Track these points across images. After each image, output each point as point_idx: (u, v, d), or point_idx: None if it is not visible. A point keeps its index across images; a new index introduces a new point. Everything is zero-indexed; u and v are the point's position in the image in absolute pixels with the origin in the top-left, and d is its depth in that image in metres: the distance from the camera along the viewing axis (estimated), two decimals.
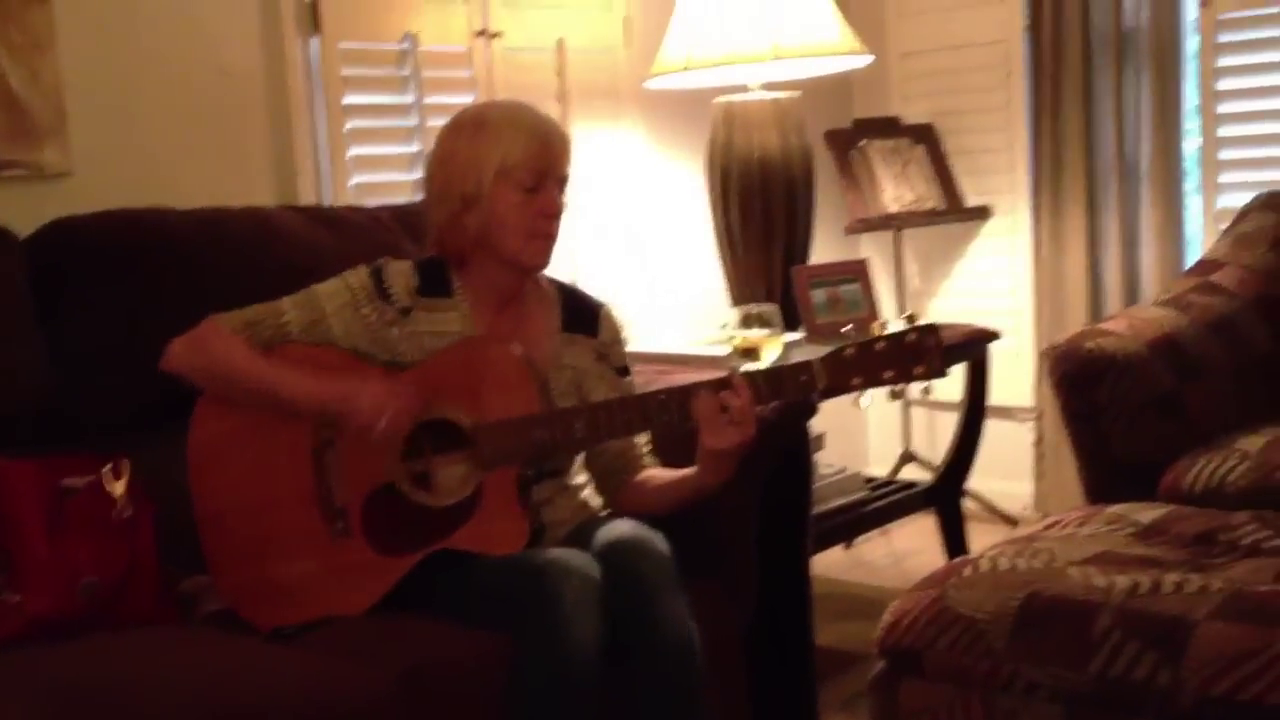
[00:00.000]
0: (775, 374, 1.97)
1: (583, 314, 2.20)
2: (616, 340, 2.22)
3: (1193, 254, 3.58)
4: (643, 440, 2.20)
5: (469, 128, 2.07)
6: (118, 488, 1.98)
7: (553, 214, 2.06)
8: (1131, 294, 3.70)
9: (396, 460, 1.97)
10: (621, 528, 2.02)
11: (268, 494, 2.01)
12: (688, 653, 1.89)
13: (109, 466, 1.98)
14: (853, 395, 1.99)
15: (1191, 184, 3.70)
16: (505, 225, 2.04)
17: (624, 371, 2.22)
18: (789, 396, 2.00)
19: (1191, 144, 3.68)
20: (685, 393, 1.96)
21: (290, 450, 2.01)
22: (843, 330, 2.00)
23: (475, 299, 2.11)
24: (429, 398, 1.98)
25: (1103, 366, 2.56)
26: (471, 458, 1.98)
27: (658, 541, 1.98)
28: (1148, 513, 2.25)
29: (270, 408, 2.00)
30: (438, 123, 3.02)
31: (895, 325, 1.99)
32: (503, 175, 2.02)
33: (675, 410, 1.96)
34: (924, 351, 1.93)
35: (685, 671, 1.89)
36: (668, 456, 2.18)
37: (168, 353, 2.02)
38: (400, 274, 2.08)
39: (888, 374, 1.94)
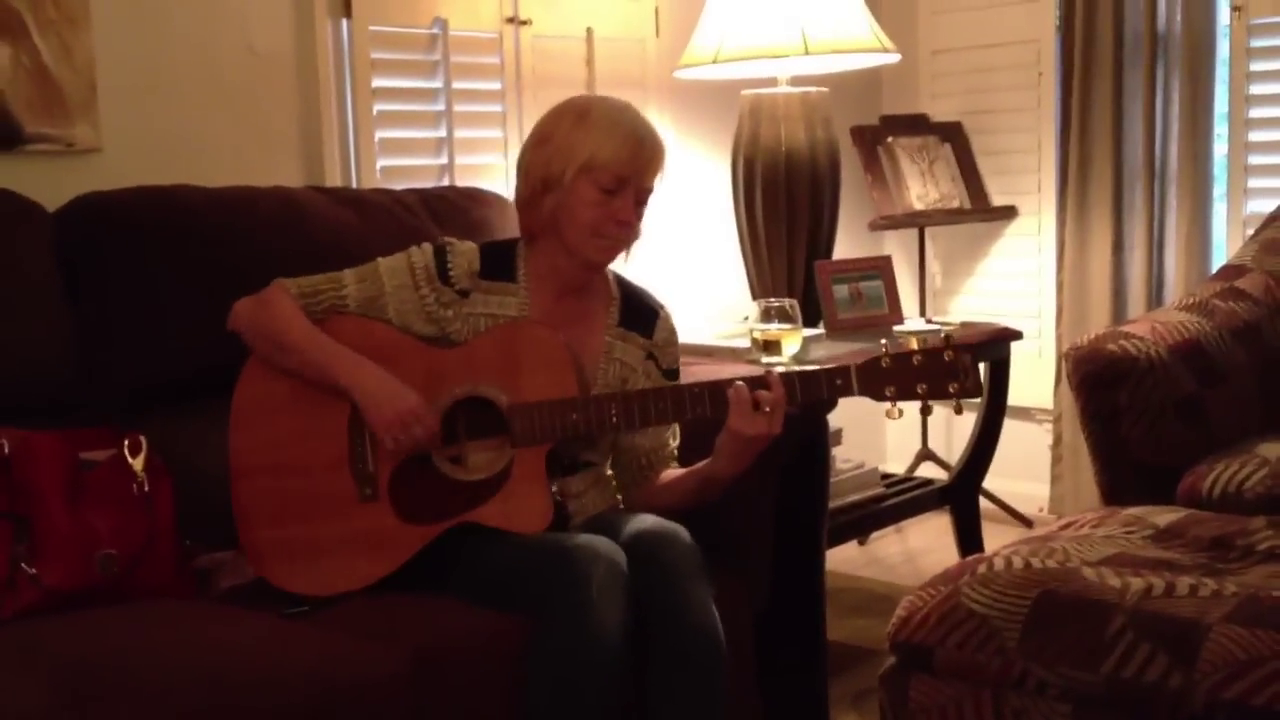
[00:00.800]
0: (811, 377, 2.01)
1: (640, 314, 2.23)
2: (670, 344, 2.25)
3: (1219, 259, 3.56)
4: (674, 442, 2.22)
5: (571, 115, 2.09)
6: (137, 462, 2.00)
7: (623, 221, 2.08)
8: (1156, 298, 3.68)
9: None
10: (647, 519, 2.04)
11: (303, 455, 2.05)
12: (713, 642, 1.90)
13: (128, 441, 2.00)
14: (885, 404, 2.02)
15: (1219, 189, 3.68)
16: (575, 218, 2.07)
17: (672, 374, 2.24)
18: (822, 399, 2.03)
19: (1220, 149, 3.66)
20: (720, 385, 1.98)
21: (330, 414, 2.05)
22: (881, 342, 2.03)
23: (537, 284, 2.14)
24: (466, 386, 2.02)
25: (1124, 369, 2.55)
26: (505, 437, 2.00)
27: (683, 533, 2.00)
28: (1164, 516, 2.25)
29: (311, 382, 2.04)
30: (465, 108, 3.10)
31: (915, 324, 2.01)
32: (586, 170, 2.05)
33: (709, 402, 1.99)
34: (960, 371, 1.98)
35: (709, 661, 1.90)
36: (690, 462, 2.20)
37: (234, 311, 2.09)
38: (464, 256, 2.12)
39: (921, 387, 1.98)
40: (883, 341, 2.03)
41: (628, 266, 2.24)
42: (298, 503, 2.04)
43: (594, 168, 2.05)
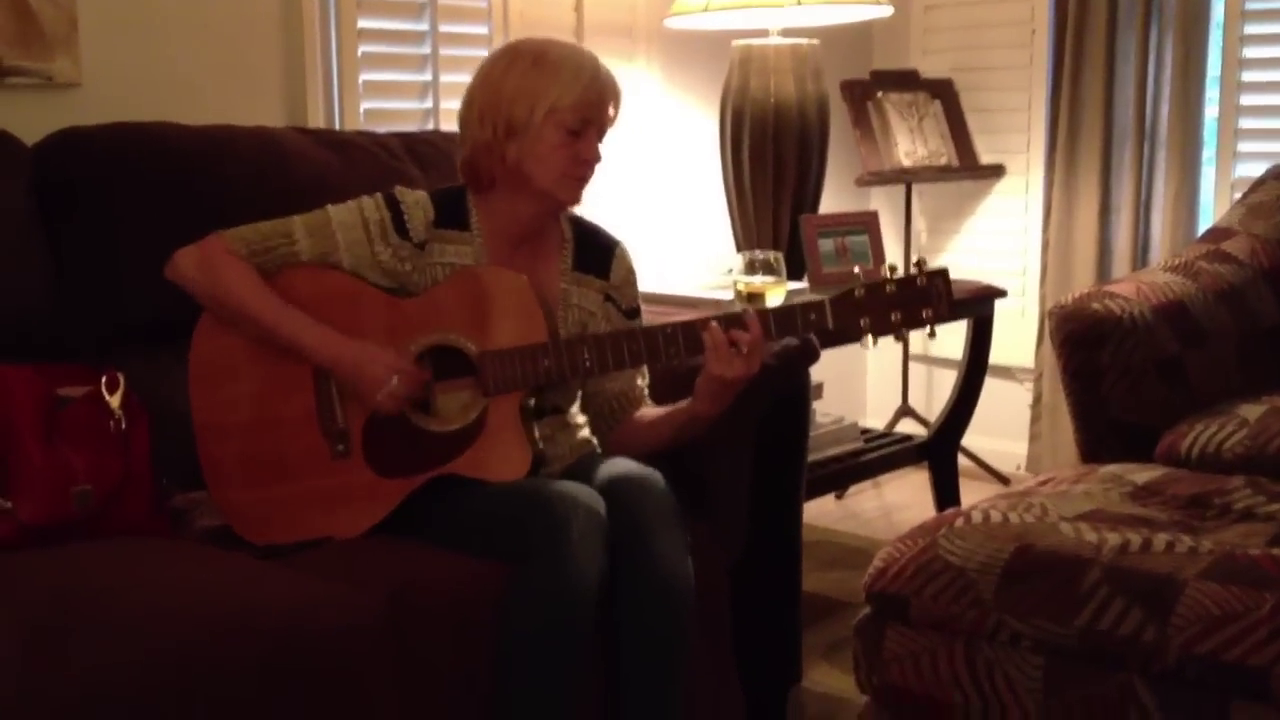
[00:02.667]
0: (786, 311, 1.99)
1: (595, 254, 2.19)
2: (628, 282, 2.22)
3: (1205, 223, 3.56)
4: (642, 382, 2.20)
5: (527, 59, 2.05)
6: (114, 400, 1.98)
7: (590, 160, 2.07)
8: (1142, 260, 3.68)
9: None
10: (623, 465, 2.02)
11: (268, 412, 2.01)
12: (681, 592, 1.90)
13: (105, 378, 1.98)
14: (861, 339, 2.00)
15: (1208, 152, 3.67)
16: (543, 162, 2.04)
17: (633, 314, 2.21)
18: (797, 333, 2.02)
19: (1211, 111, 3.64)
20: (693, 326, 1.96)
21: (292, 370, 2.01)
22: (854, 271, 2.00)
23: (491, 232, 2.10)
24: (433, 335, 1.99)
25: (1107, 328, 2.55)
26: (476, 385, 1.98)
27: (658, 479, 1.99)
28: (1143, 474, 2.25)
29: (271, 344, 2.00)
30: (451, 52, 3.07)
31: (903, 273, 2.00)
32: (552, 114, 2.02)
33: (683, 343, 1.97)
34: (933, 295, 1.96)
35: (674, 611, 1.90)
36: (664, 401, 2.18)
37: (173, 262, 2.02)
38: (418, 205, 2.07)
39: (895, 316, 1.96)
40: (856, 270, 2.01)
41: (626, 215, 2.22)
42: (269, 461, 2.00)
43: (560, 110, 2.02)
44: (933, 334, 1.99)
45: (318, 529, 1.98)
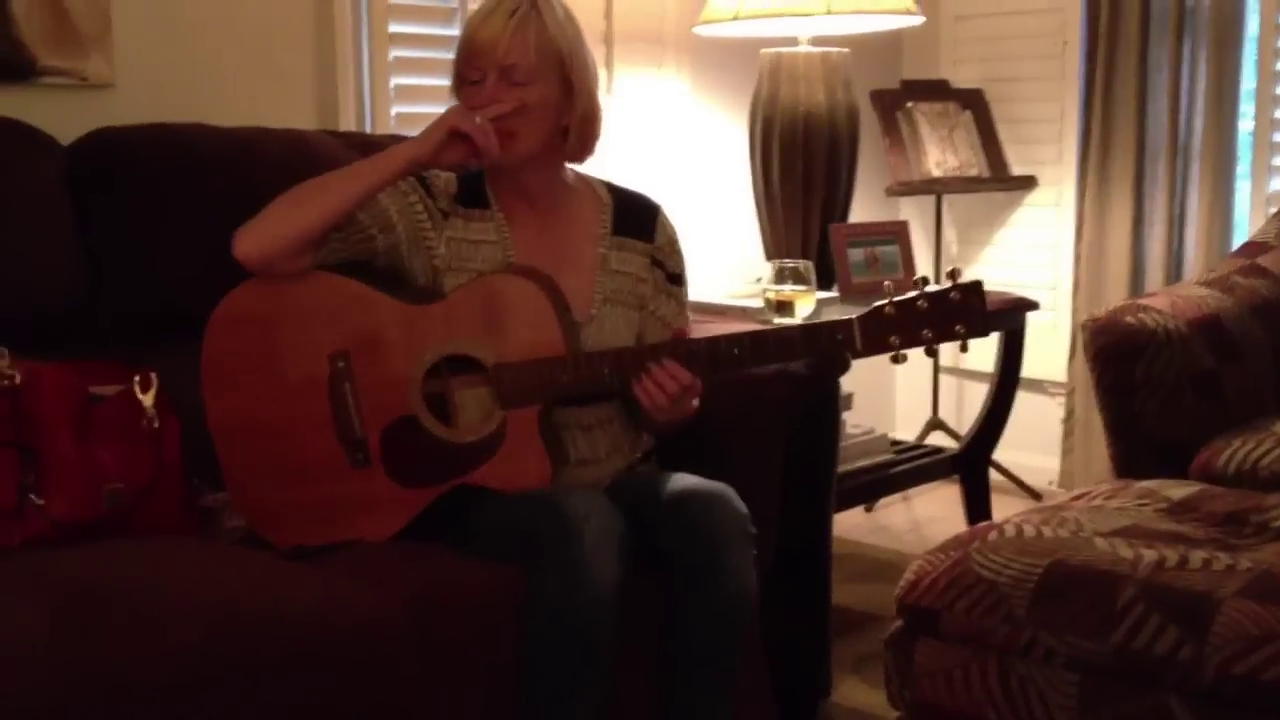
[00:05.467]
0: (811, 331, 1.94)
1: (637, 217, 2.14)
2: (673, 246, 2.17)
3: (1240, 238, 3.53)
4: None
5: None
6: (147, 399, 1.98)
7: (476, 105, 1.97)
8: (1175, 274, 3.65)
9: (417, 391, 1.96)
10: (692, 480, 1.99)
11: (284, 418, 1.99)
12: (747, 607, 1.91)
13: (138, 377, 1.98)
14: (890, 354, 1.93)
15: (1243, 166, 3.64)
16: None
17: (676, 279, 2.16)
18: (824, 353, 1.98)
19: (1245, 125, 3.61)
20: (718, 342, 1.93)
21: (304, 377, 1.98)
22: (885, 284, 1.93)
23: (509, 206, 2.08)
24: (450, 344, 1.96)
25: (1141, 342, 2.52)
26: (492, 390, 1.95)
27: (731, 495, 1.95)
28: (1178, 490, 2.23)
29: (348, 191, 1.95)
30: None
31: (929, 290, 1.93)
32: (457, 76, 2.02)
33: (706, 360, 1.93)
34: (967, 310, 1.87)
35: (739, 625, 1.90)
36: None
37: (235, 243, 1.96)
38: (442, 179, 2.07)
39: (927, 333, 1.88)
40: (886, 283, 1.93)
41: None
42: (287, 468, 1.98)
43: (459, 70, 2.01)
44: (965, 348, 1.92)
45: (341, 533, 1.97)
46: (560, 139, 2.05)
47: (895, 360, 1.91)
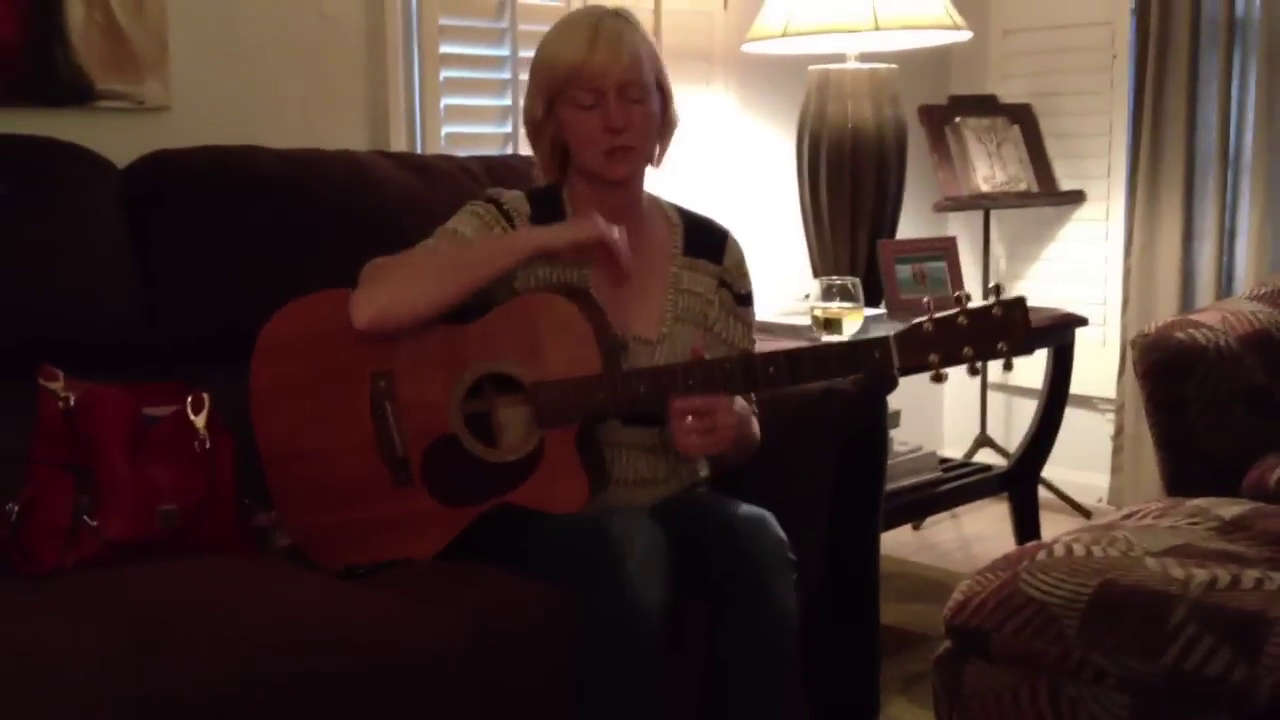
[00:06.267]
0: (848, 349, 1.91)
1: (707, 239, 2.16)
2: (741, 269, 2.19)
3: None
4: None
5: (539, 46, 2.06)
6: (199, 419, 2.01)
7: (614, 128, 1.99)
8: (1225, 289, 3.61)
9: (458, 411, 1.97)
10: (737, 506, 1.99)
11: (329, 441, 2.01)
12: (791, 630, 1.90)
13: (191, 398, 2.01)
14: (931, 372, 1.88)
15: None
16: (576, 144, 2.03)
17: (745, 300, 2.18)
18: (862, 372, 1.97)
19: None
20: (751, 359, 1.93)
21: (347, 400, 2.00)
22: (924, 301, 1.90)
23: None
24: (490, 364, 1.96)
25: (1192, 358, 2.50)
26: (531, 410, 1.95)
27: (773, 521, 1.95)
28: (1230, 508, 2.21)
29: (472, 278, 1.95)
30: None
31: (977, 302, 1.89)
32: (557, 96, 2.01)
33: (741, 377, 1.92)
34: (1010, 327, 1.81)
35: (785, 649, 1.90)
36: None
37: (353, 308, 1.94)
38: (516, 201, 2.08)
39: (968, 350, 1.83)
40: (926, 300, 1.89)
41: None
42: (333, 488, 2.00)
43: (561, 90, 2.00)
44: (1009, 366, 1.86)
45: (386, 553, 1.98)
46: (653, 149, 2.09)
47: (937, 379, 1.86)
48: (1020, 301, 1.83)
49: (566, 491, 1.94)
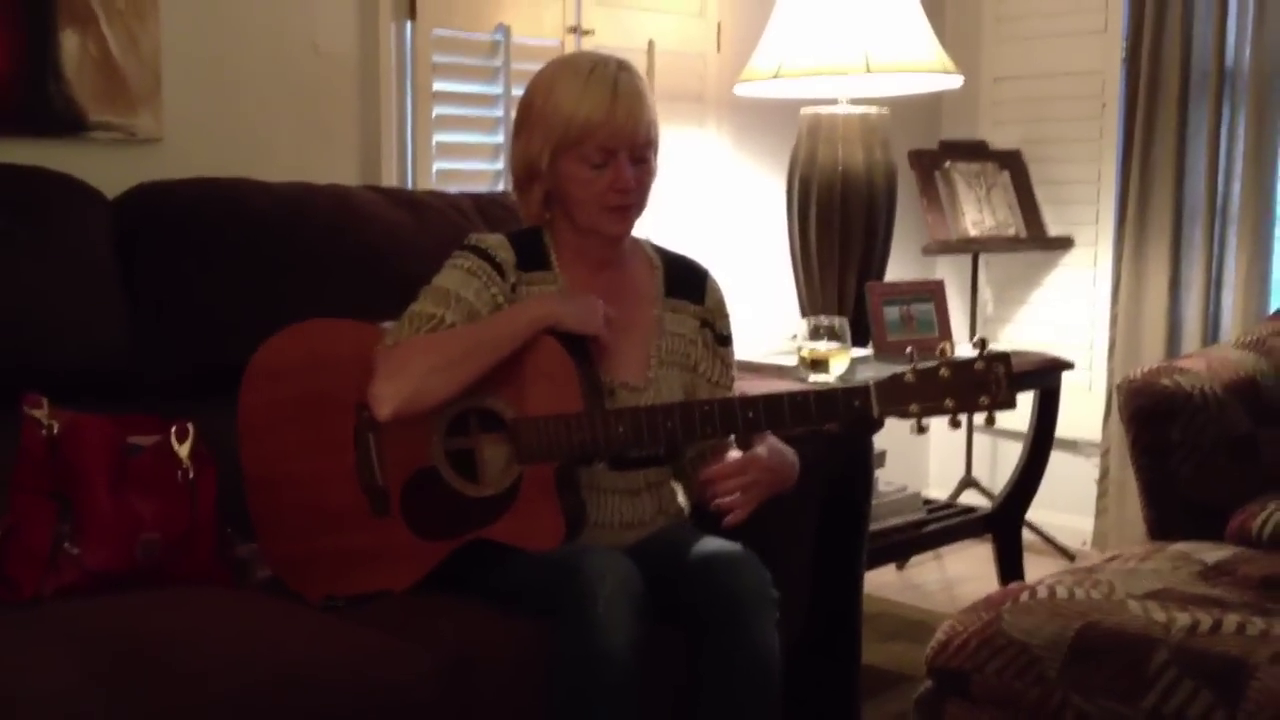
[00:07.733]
0: (827, 397, 1.91)
1: (687, 279, 2.16)
2: (722, 308, 2.19)
3: (1278, 300, 3.52)
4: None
5: (542, 90, 2.00)
6: (183, 450, 2.00)
7: (624, 189, 1.98)
8: (1212, 336, 3.63)
9: (439, 443, 1.97)
10: (715, 543, 1.98)
11: (313, 468, 2.00)
12: (773, 670, 1.89)
13: (175, 428, 2.01)
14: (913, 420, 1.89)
15: None
16: (575, 199, 2.00)
17: (725, 341, 2.18)
18: (841, 420, 1.96)
19: None
20: (732, 404, 1.93)
21: (333, 429, 1.99)
22: (906, 351, 1.90)
23: (571, 268, 2.07)
24: (473, 398, 1.95)
25: (1177, 404, 2.51)
26: (512, 448, 1.95)
27: (753, 557, 1.94)
28: (1213, 553, 2.21)
29: (489, 361, 1.93)
30: None
31: (964, 350, 1.89)
32: (564, 150, 1.97)
33: (720, 423, 1.93)
34: (992, 381, 1.83)
35: (767, 689, 1.88)
36: None
37: (374, 401, 1.92)
38: (501, 248, 2.04)
39: (949, 402, 1.84)
40: (908, 350, 1.90)
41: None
42: (312, 517, 2.00)
43: (572, 145, 1.96)
44: (991, 421, 1.88)
45: (361, 584, 1.97)
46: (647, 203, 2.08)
47: (918, 430, 1.87)
48: (1004, 357, 1.84)
49: (542, 530, 1.93)
